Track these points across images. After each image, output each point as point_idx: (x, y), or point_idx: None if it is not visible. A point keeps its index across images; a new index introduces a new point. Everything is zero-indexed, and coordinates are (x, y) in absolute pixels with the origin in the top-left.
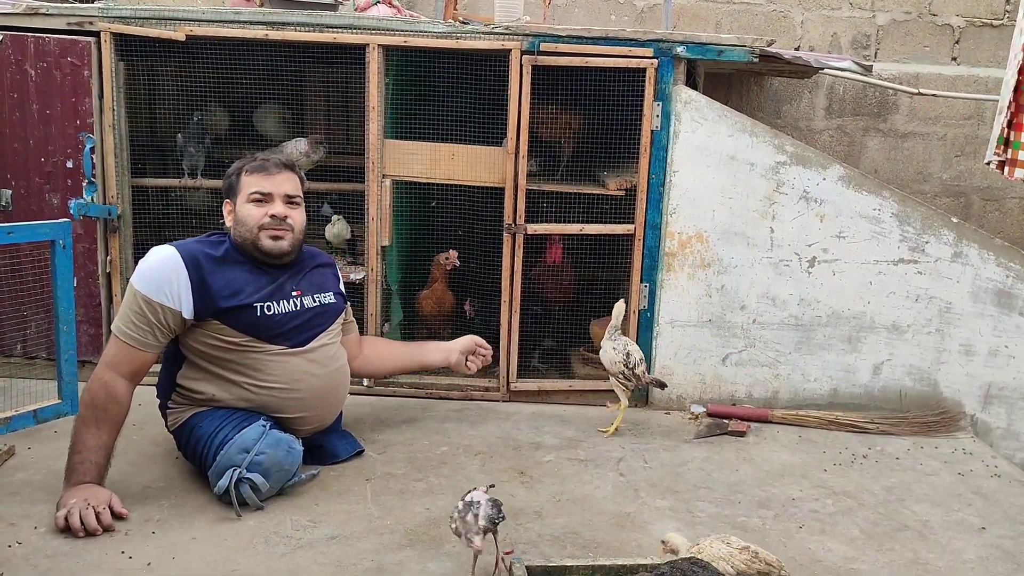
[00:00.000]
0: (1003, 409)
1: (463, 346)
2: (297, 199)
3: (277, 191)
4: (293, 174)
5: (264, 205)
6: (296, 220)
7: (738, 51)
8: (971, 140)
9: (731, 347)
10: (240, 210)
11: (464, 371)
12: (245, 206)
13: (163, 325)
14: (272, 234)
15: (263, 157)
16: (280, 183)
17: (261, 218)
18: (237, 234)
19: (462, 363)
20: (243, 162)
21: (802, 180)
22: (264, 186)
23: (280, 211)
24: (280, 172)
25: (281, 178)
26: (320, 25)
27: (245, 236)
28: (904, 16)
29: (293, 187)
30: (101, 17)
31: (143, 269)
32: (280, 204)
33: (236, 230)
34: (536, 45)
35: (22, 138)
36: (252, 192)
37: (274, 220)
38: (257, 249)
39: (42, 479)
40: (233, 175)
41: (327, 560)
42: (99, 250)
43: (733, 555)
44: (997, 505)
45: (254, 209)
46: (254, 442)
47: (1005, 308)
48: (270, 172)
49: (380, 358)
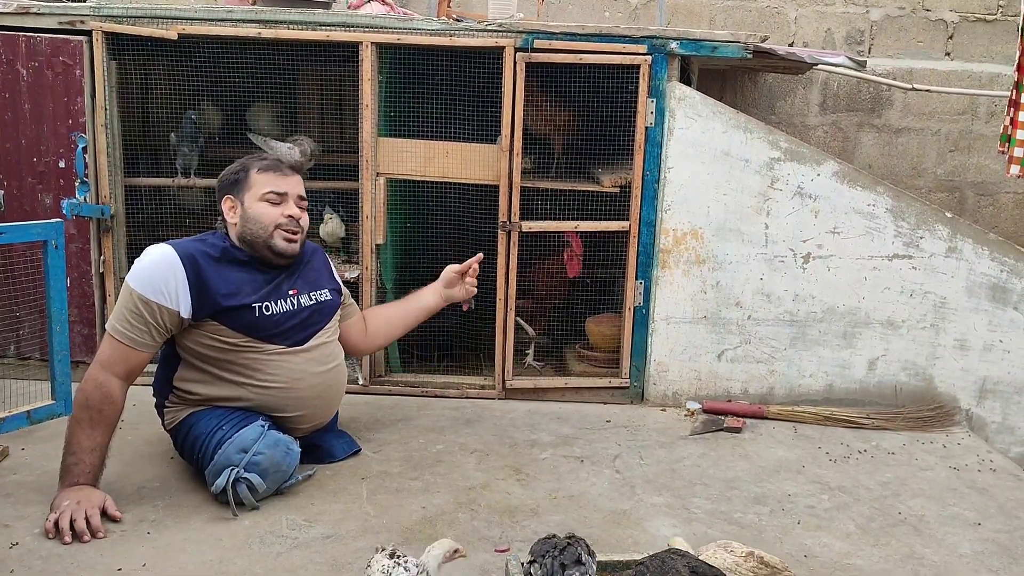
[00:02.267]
0: (998, 404)
1: (446, 280)
2: (306, 203)
3: (291, 192)
4: (300, 177)
5: (279, 205)
6: (305, 223)
7: (732, 47)
8: (965, 135)
9: (726, 343)
10: (252, 208)
11: (465, 296)
12: (258, 204)
13: (160, 325)
14: (287, 236)
15: (273, 156)
16: (294, 184)
17: (278, 217)
18: (247, 231)
19: (458, 291)
20: (250, 159)
21: (796, 176)
22: (280, 186)
23: (296, 212)
24: (293, 174)
25: (294, 180)
26: (313, 23)
27: (258, 234)
28: (898, 11)
29: (303, 190)
30: (93, 16)
31: (139, 268)
32: (294, 205)
33: (246, 228)
34: (530, 42)
35: (14, 138)
36: (267, 191)
37: (291, 221)
38: (269, 248)
39: (36, 480)
40: (240, 172)
41: (323, 559)
42: (92, 250)
43: (739, 564)
44: (992, 499)
45: (270, 208)
46: (252, 442)
47: (999, 303)
48: (284, 173)
49: (387, 326)
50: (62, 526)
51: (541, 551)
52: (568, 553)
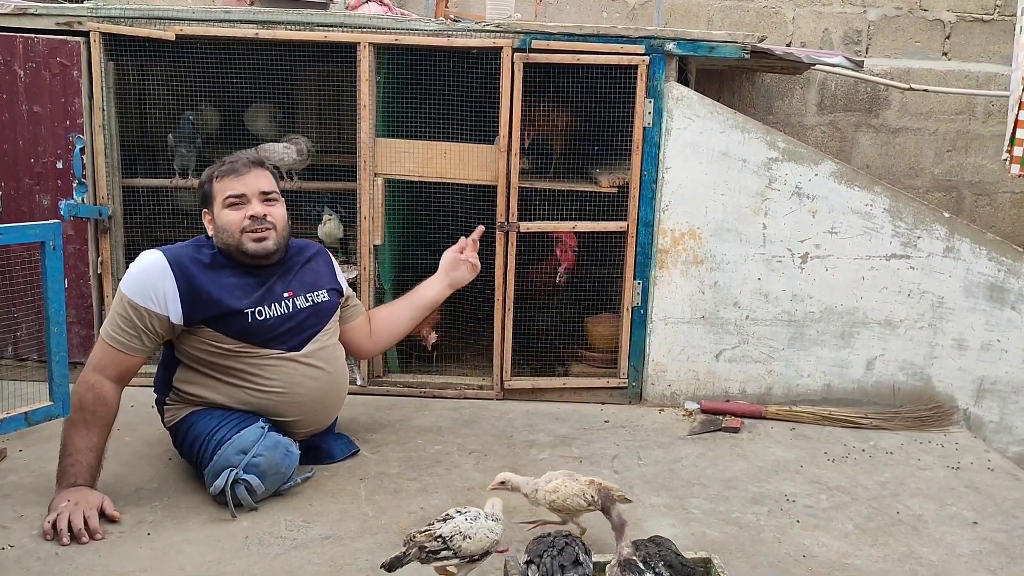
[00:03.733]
0: (996, 403)
1: (448, 264)
2: (273, 195)
3: (251, 190)
4: (264, 170)
5: (241, 207)
6: (277, 216)
7: (729, 47)
8: (962, 135)
9: (724, 343)
10: (219, 217)
11: (471, 273)
12: (223, 212)
13: (150, 330)
14: (254, 236)
15: (231, 159)
16: (252, 181)
17: (241, 221)
18: (220, 241)
19: (463, 270)
20: (212, 169)
21: (794, 176)
22: (236, 188)
23: (258, 210)
24: (251, 170)
25: (252, 176)
26: (311, 24)
27: (228, 242)
28: (895, 11)
29: (268, 183)
30: (90, 17)
31: (131, 274)
32: (257, 203)
33: (219, 237)
34: (527, 42)
35: (11, 139)
36: (227, 196)
37: (254, 221)
38: (242, 253)
39: (34, 482)
40: (205, 183)
41: (321, 560)
42: (90, 251)
43: (584, 490)
44: (990, 499)
45: (232, 214)
46: (252, 443)
47: (997, 302)
48: (240, 173)
49: (391, 325)
50: (60, 527)
51: (539, 551)
52: (566, 554)
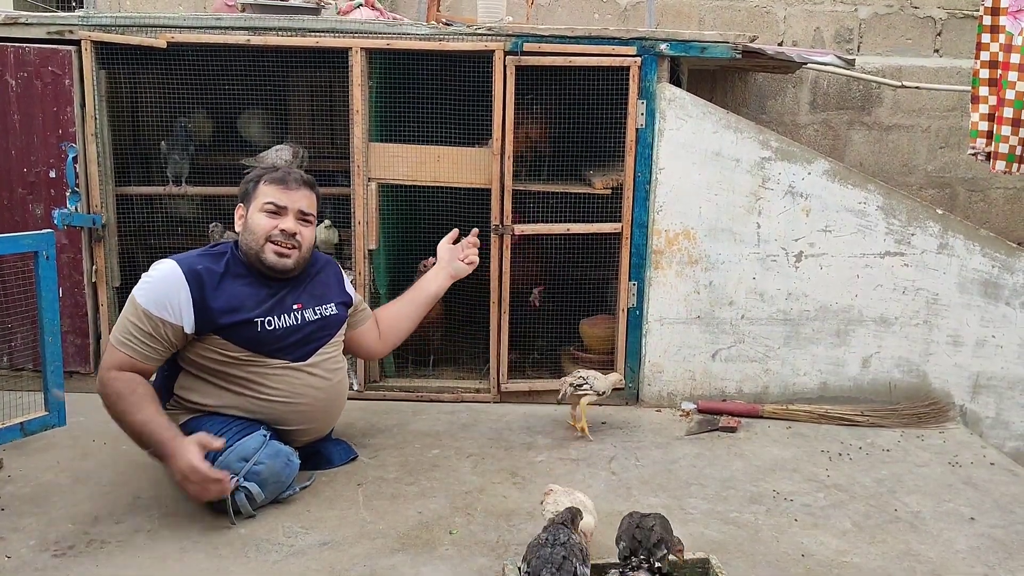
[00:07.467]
0: (992, 399)
1: (445, 256)
2: (310, 217)
3: (292, 206)
4: (311, 192)
5: (276, 218)
6: (306, 237)
7: (721, 48)
8: (955, 131)
9: (720, 343)
10: (251, 218)
11: (468, 268)
12: (257, 215)
13: (164, 339)
14: (278, 250)
15: (286, 168)
16: (297, 199)
17: (270, 229)
18: (243, 241)
19: (461, 267)
20: (264, 169)
21: (787, 175)
22: (280, 199)
23: (290, 227)
24: (299, 188)
25: (299, 194)
26: (302, 29)
27: (251, 246)
28: (886, 9)
29: (308, 204)
30: (81, 26)
31: (146, 283)
32: (292, 220)
33: (243, 237)
34: (519, 45)
35: (4, 148)
36: (267, 202)
37: (283, 235)
38: (260, 262)
39: (31, 492)
40: (252, 182)
41: (320, 566)
42: (84, 260)
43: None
44: (987, 495)
45: (265, 219)
46: (254, 451)
47: (991, 298)
48: (289, 186)
49: (398, 323)
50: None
51: (537, 568)
52: (564, 569)
